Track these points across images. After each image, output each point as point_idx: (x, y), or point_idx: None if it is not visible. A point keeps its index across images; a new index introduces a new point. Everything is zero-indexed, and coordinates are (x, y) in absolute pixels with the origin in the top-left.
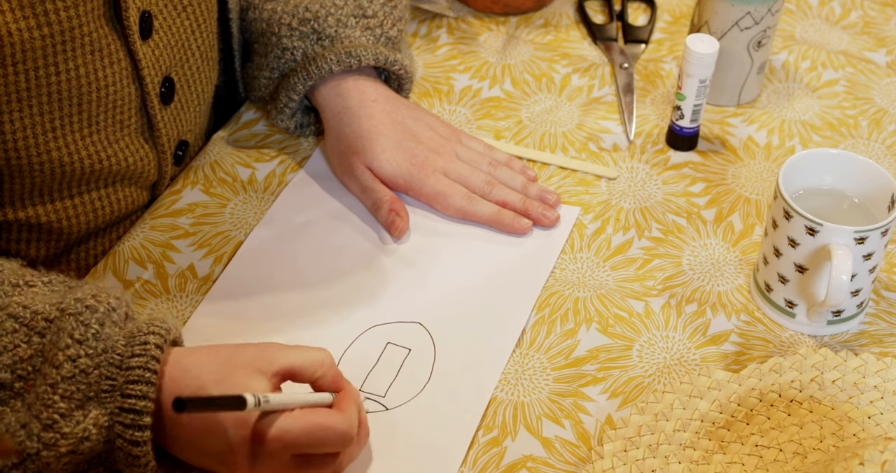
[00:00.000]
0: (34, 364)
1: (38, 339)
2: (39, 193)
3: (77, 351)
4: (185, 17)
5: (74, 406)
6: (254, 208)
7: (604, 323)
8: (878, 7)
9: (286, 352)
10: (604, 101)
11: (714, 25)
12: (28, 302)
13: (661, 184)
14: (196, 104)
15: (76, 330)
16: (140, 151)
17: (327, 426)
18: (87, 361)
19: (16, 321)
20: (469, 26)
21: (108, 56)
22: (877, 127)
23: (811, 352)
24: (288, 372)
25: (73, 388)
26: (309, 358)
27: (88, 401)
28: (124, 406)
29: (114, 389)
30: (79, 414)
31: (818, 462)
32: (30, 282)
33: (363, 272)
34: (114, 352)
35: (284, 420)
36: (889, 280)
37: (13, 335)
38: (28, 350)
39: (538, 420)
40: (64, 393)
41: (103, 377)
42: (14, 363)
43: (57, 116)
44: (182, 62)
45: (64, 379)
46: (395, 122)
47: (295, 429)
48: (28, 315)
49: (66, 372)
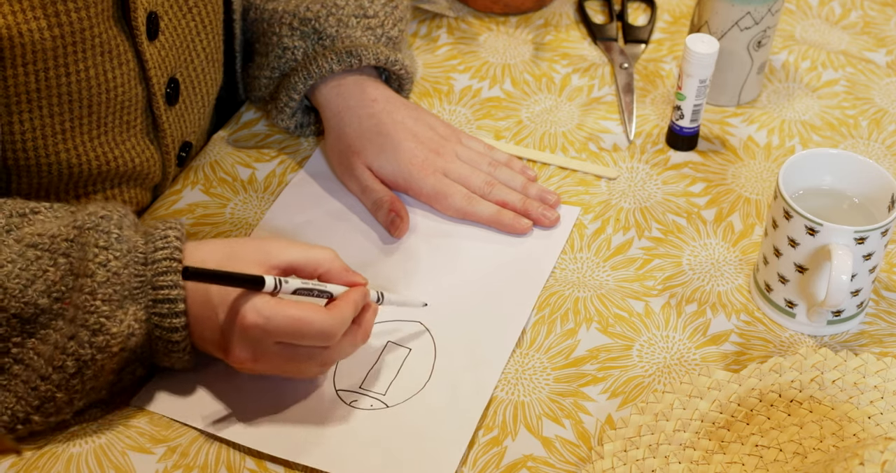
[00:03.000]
0: (66, 283)
1: (64, 260)
2: (46, 193)
3: (106, 256)
4: (190, 19)
5: (115, 307)
6: (254, 208)
7: (604, 322)
8: (878, 7)
9: (289, 249)
10: (604, 101)
11: (714, 25)
12: (41, 230)
13: (661, 184)
14: (200, 105)
15: (100, 239)
16: (146, 152)
17: (307, 321)
18: (117, 263)
19: (36, 249)
20: (469, 26)
21: (116, 57)
22: (877, 127)
23: (811, 352)
24: (289, 267)
25: (111, 291)
26: (309, 256)
27: (125, 300)
28: (158, 297)
29: (143, 284)
30: (120, 313)
31: (818, 462)
32: (35, 209)
33: (363, 271)
34: (136, 251)
35: (268, 308)
36: (889, 280)
37: (39, 262)
38: (57, 272)
39: (538, 420)
40: (103, 296)
41: (133, 275)
42: (48, 287)
43: (67, 118)
44: (187, 63)
45: (100, 285)
46: (395, 122)
47: (276, 318)
48: (47, 240)
49: (101, 277)
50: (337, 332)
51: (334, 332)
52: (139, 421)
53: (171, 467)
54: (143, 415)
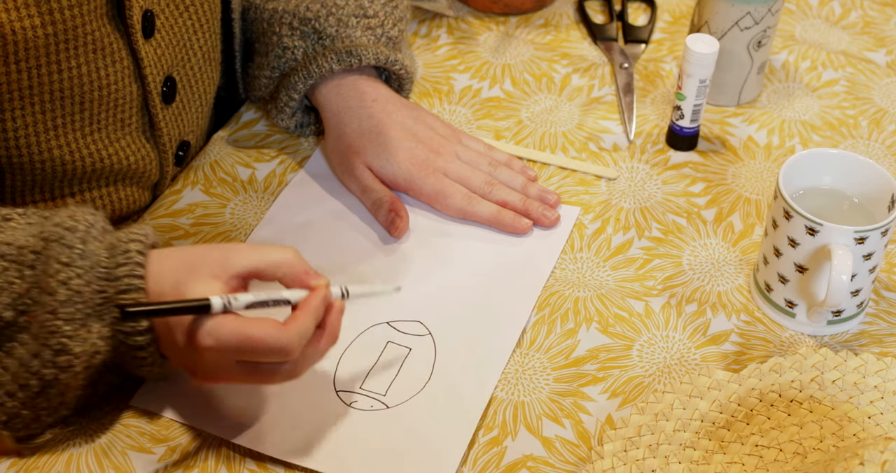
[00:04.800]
0: (32, 296)
1: (31, 272)
2: (40, 190)
3: (67, 273)
4: (187, 17)
5: (79, 326)
6: (254, 208)
7: (604, 322)
8: (878, 7)
9: (248, 254)
10: (604, 101)
11: (714, 25)
12: (11, 239)
13: (661, 184)
14: (198, 104)
15: (62, 253)
16: (141, 151)
17: (259, 338)
18: (79, 281)
19: (4, 259)
20: (469, 26)
21: (110, 55)
22: (877, 127)
23: (811, 352)
24: (249, 273)
25: (72, 310)
26: (269, 259)
27: (88, 318)
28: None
29: (107, 301)
30: (83, 332)
31: (818, 462)
32: (6, 216)
33: (363, 271)
34: (99, 266)
35: (218, 330)
36: (889, 280)
37: (5, 273)
38: (23, 284)
39: (538, 420)
40: (66, 315)
41: (96, 292)
42: (13, 300)
43: (59, 114)
44: (184, 62)
45: (62, 304)
46: (395, 122)
47: (229, 340)
48: (14, 251)
49: (62, 296)
50: (294, 347)
51: (291, 348)
52: (139, 421)
53: (171, 467)
54: (142, 415)
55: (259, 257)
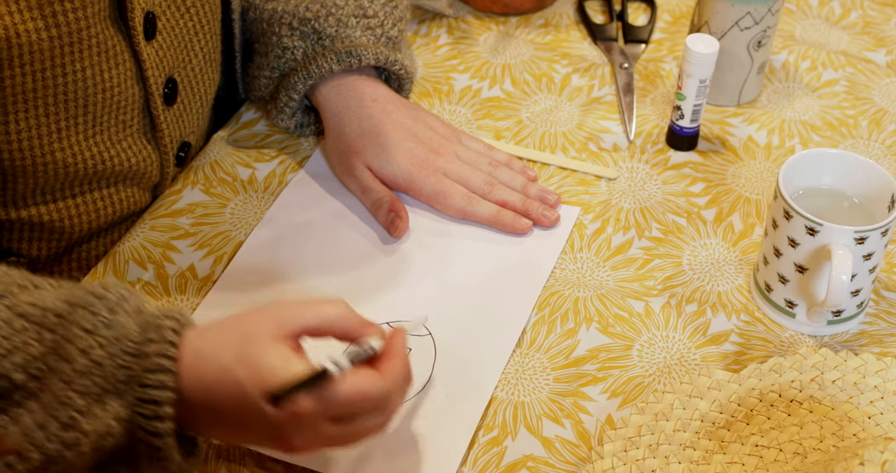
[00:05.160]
0: (48, 362)
1: (50, 336)
2: (42, 193)
3: (89, 341)
4: (188, 18)
5: (93, 401)
6: (254, 208)
7: (604, 322)
8: (878, 7)
9: (299, 313)
10: (604, 101)
11: (714, 25)
12: (36, 301)
13: (661, 184)
14: (198, 105)
15: (86, 320)
16: (143, 152)
17: (363, 391)
18: (101, 352)
19: (25, 319)
20: (469, 26)
21: (113, 57)
22: (877, 127)
23: (811, 352)
24: (304, 331)
25: (89, 383)
26: (322, 316)
27: (106, 394)
28: (144, 396)
29: (131, 379)
30: (97, 409)
31: (818, 463)
32: (37, 284)
33: (363, 272)
34: (127, 340)
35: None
36: (889, 280)
37: (23, 333)
38: (40, 348)
39: (538, 420)
40: (80, 388)
41: (119, 367)
42: (26, 362)
43: (63, 117)
44: (185, 63)
45: (78, 374)
46: (395, 122)
47: (335, 398)
48: (37, 312)
49: (80, 366)
50: (395, 394)
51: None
52: None
53: None
54: None
55: (313, 315)
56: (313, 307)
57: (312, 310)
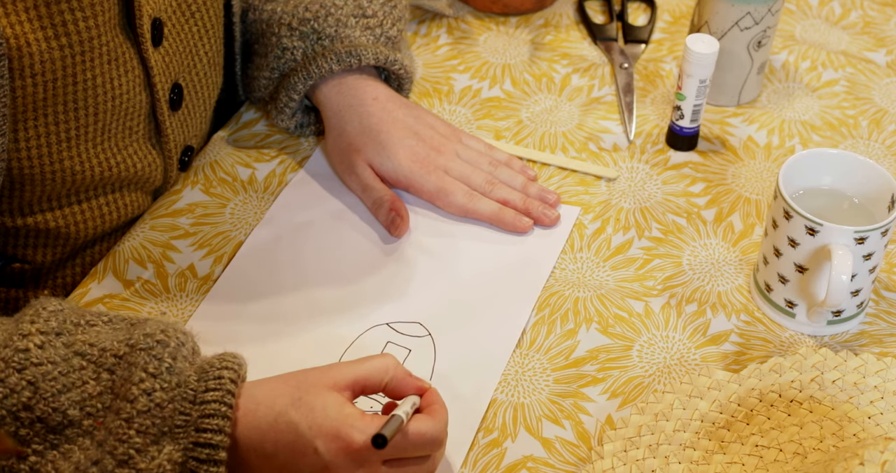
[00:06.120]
0: (104, 401)
1: (108, 376)
2: (48, 200)
3: (152, 384)
4: (192, 24)
5: (150, 442)
6: (254, 208)
7: (604, 323)
8: (878, 7)
9: (351, 366)
10: (604, 101)
11: (714, 25)
12: (94, 340)
13: (661, 184)
14: (202, 109)
15: (150, 364)
16: (148, 157)
17: (423, 432)
18: (163, 395)
19: (83, 358)
20: (469, 26)
21: (122, 65)
22: (877, 127)
23: (811, 352)
24: (356, 384)
25: (149, 423)
26: (373, 367)
27: (163, 436)
28: (199, 440)
29: (187, 424)
30: (153, 450)
31: (818, 463)
32: (91, 322)
33: (363, 271)
34: (187, 387)
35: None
36: (889, 280)
37: (81, 372)
38: (97, 386)
39: (538, 422)
40: (139, 427)
41: (177, 411)
42: (83, 400)
43: (73, 126)
44: (190, 68)
45: (139, 414)
46: (396, 120)
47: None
48: (96, 352)
49: (142, 406)
50: (444, 436)
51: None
52: None
53: None
54: None
55: (363, 366)
56: (362, 360)
57: (362, 362)
